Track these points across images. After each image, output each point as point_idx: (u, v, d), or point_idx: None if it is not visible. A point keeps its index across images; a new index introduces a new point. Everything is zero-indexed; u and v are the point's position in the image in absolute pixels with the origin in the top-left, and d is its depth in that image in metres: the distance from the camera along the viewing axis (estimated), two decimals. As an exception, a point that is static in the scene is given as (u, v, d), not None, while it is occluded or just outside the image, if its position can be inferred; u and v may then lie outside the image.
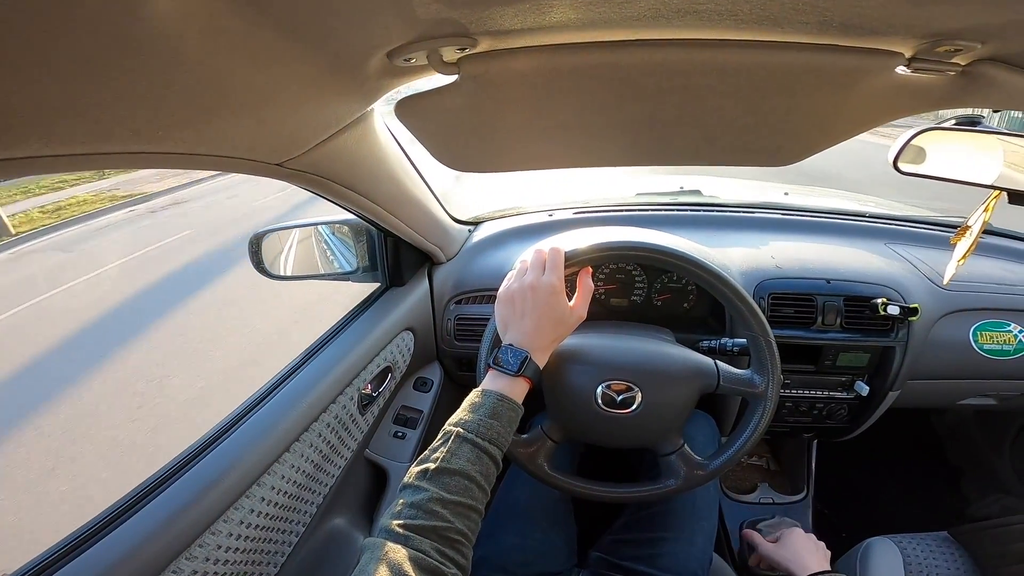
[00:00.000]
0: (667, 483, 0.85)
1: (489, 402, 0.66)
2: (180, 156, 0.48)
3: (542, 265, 0.76)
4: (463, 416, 0.65)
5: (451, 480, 0.58)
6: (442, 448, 0.61)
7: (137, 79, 0.36)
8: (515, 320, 0.75)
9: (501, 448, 0.65)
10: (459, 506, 0.57)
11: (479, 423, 0.64)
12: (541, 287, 0.74)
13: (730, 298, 0.81)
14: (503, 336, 0.76)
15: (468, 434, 0.62)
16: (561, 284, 0.75)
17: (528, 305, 0.74)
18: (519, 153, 0.80)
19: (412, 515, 0.55)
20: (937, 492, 1.69)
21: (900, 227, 1.39)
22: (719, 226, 1.39)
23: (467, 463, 0.60)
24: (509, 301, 0.76)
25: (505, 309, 0.77)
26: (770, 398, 0.81)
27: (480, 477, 0.60)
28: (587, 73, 0.57)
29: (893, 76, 0.56)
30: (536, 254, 0.78)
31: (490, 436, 0.63)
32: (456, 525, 0.56)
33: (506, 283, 0.78)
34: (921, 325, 1.13)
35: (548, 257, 0.76)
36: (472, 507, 0.58)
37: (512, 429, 0.68)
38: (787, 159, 0.79)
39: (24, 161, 0.36)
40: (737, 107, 0.64)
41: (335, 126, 0.66)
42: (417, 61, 0.53)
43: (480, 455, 0.61)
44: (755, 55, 0.54)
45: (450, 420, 0.66)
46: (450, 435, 0.62)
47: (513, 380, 0.70)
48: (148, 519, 0.62)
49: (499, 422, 0.65)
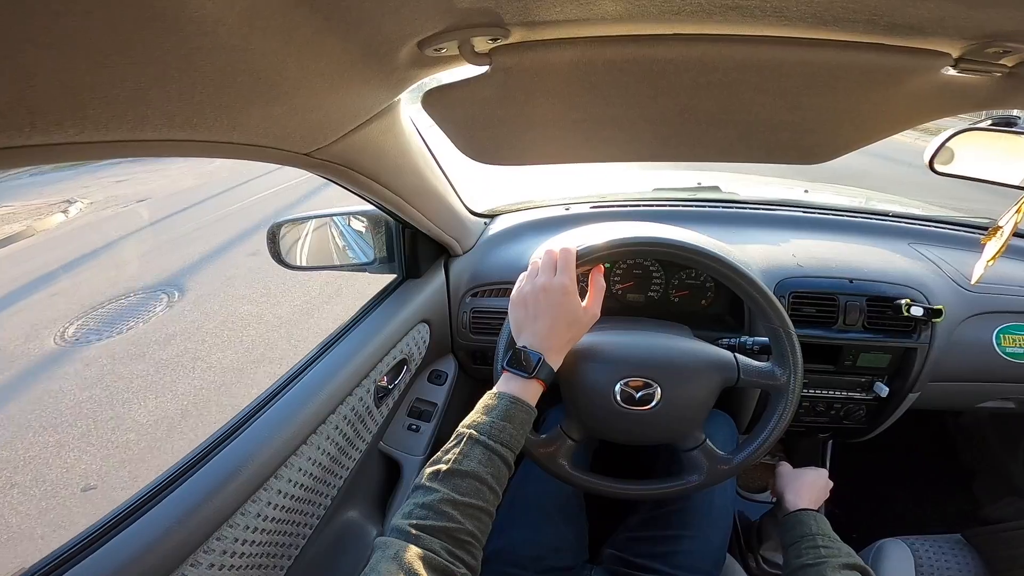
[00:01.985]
0: (689, 479, 0.84)
1: (502, 404, 0.67)
2: (214, 144, 0.48)
3: (554, 266, 0.76)
4: (476, 418, 0.66)
5: (462, 482, 0.59)
6: (454, 450, 0.62)
7: (172, 62, 0.35)
8: (528, 322, 0.75)
9: (513, 450, 0.65)
10: (470, 507, 0.58)
11: (492, 425, 0.64)
12: (553, 288, 0.74)
13: (747, 290, 0.79)
14: (517, 338, 0.76)
15: (480, 436, 0.63)
16: (573, 284, 0.75)
17: (541, 307, 0.74)
18: (547, 147, 0.79)
19: (423, 515, 0.56)
20: (950, 494, 1.67)
21: (924, 227, 1.37)
22: (738, 223, 1.37)
23: (479, 465, 0.60)
24: (522, 303, 0.76)
25: (518, 311, 0.77)
26: (793, 390, 0.80)
27: (491, 479, 0.61)
28: (622, 67, 0.56)
29: (938, 76, 0.55)
30: (547, 255, 0.77)
31: (502, 439, 0.64)
32: (466, 526, 0.56)
33: (518, 285, 0.78)
34: (944, 327, 1.11)
35: (559, 257, 0.76)
36: (483, 509, 0.59)
37: (525, 431, 0.68)
38: (822, 157, 0.78)
39: (59, 148, 0.35)
40: (775, 104, 0.63)
41: (363, 116, 0.65)
42: (448, 51, 0.52)
43: (492, 457, 0.62)
44: (797, 52, 0.52)
45: (463, 422, 0.66)
46: (463, 437, 0.63)
47: (527, 382, 0.70)
48: (167, 512, 0.62)
49: (512, 424, 0.65)
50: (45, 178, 9.78)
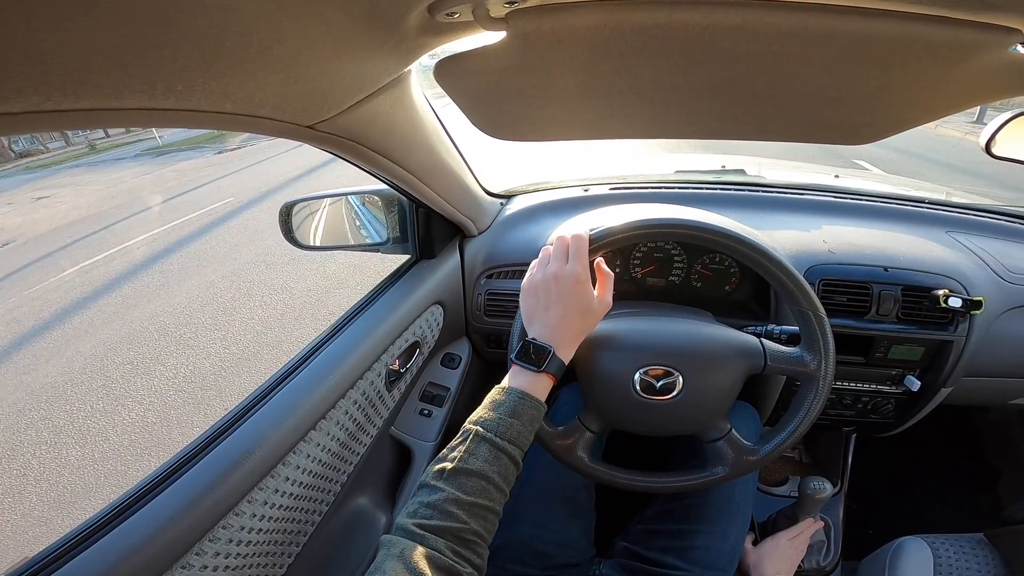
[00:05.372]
0: (714, 471, 0.81)
1: (511, 400, 0.65)
2: (206, 114, 0.44)
3: (565, 253, 0.73)
4: (483, 414, 0.64)
5: (468, 481, 0.58)
6: (460, 447, 0.61)
7: (148, 22, 0.31)
8: (540, 312, 0.72)
9: (522, 448, 0.64)
10: (475, 507, 0.57)
11: (499, 422, 0.63)
12: (565, 276, 0.71)
13: (771, 270, 0.75)
14: (528, 329, 0.73)
15: (487, 433, 0.61)
16: (586, 272, 0.72)
17: (552, 296, 0.72)
18: (568, 121, 0.75)
19: (428, 515, 0.55)
20: (973, 492, 1.63)
21: (962, 215, 1.30)
22: (766, 207, 1.32)
23: (485, 464, 0.59)
24: (533, 292, 0.74)
25: (529, 300, 0.75)
26: (824, 377, 0.76)
27: (498, 478, 0.60)
28: (652, 33, 0.51)
29: (1004, 55, 0.50)
30: (559, 241, 0.74)
31: (510, 436, 0.62)
32: (471, 526, 0.56)
33: (529, 274, 0.76)
34: (983, 319, 1.06)
35: (571, 244, 0.73)
36: (489, 508, 0.58)
37: (535, 427, 0.67)
38: (868, 137, 0.72)
39: (23, 116, 0.32)
40: (822, 78, 0.57)
41: (370, 87, 0.61)
42: (461, 16, 0.49)
43: (499, 455, 0.61)
44: (850, 22, 0.47)
45: (471, 417, 0.65)
46: (469, 434, 0.62)
47: (536, 377, 0.68)
48: (172, 500, 0.60)
49: (520, 421, 0.64)
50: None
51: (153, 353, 3.67)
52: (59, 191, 11.43)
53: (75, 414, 3.08)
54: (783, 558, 1.06)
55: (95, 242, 7.03)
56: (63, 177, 12.36)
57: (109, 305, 4.72)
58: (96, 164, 15.77)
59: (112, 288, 5.12)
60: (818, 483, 1.09)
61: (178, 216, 7.37)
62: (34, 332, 4.39)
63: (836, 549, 1.29)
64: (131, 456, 2.67)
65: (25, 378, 3.64)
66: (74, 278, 5.64)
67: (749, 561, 1.06)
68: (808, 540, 1.13)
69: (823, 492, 1.08)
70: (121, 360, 3.64)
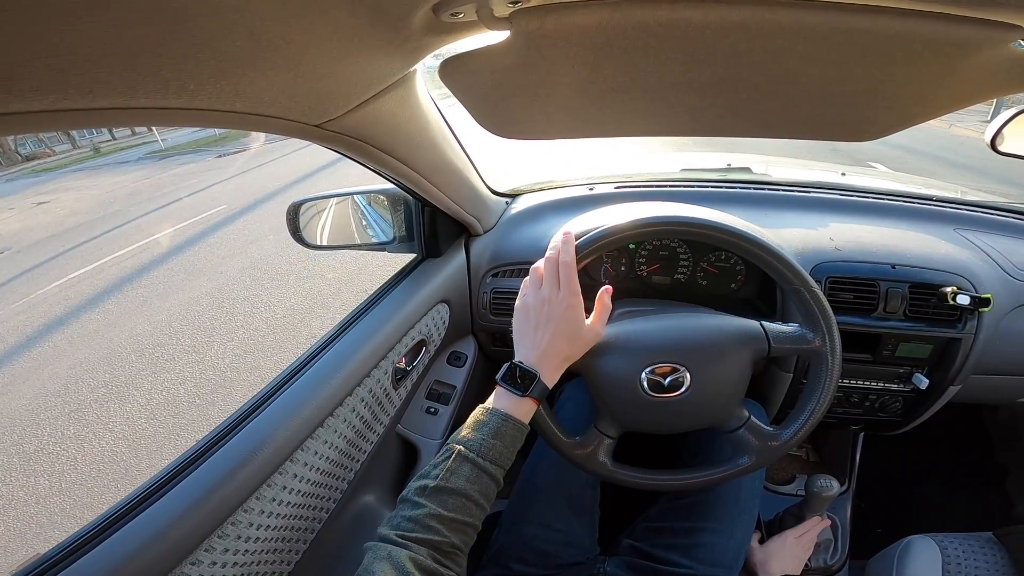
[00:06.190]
0: (740, 461, 0.80)
1: (494, 421, 0.67)
2: (217, 113, 0.45)
3: (556, 276, 0.74)
4: (466, 434, 0.66)
5: (449, 499, 0.60)
6: (443, 465, 0.63)
7: (160, 23, 0.32)
8: (528, 334, 0.74)
9: (503, 467, 0.66)
10: (455, 522, 0.60)
11: (481, 443, 0.65)
12: (556, 301, 0.72)
13: (755, 252, 0.76)
14: (516, 349, 0.75)
15: (469, 453, 0.63)
16: (578, 298, 0.73)
17: (542, 319, 0.73)
18: (572, 119, 0.75)
19: (410, 528, 0.58)
20: (982, 491, 1.61)
21: (969, 212, 1.29)
22: (771, 205, 1.31)
23: (466, 483, 0.62)
24: (524, 312, 0.75)
25: (520, 320, 0.76)
26: (831, 352, 0.76)
27: (478, 495, 0.62)
28: (655, 31, 0.51)
29: (1006, 51, 0.50)
30: (548, 264, 0.75)
31: (491, 456, 0.64)
32: (451, 539, 0.59)
33: (522, 294, 0.77)
34: (991, 317, 1.05)
35: (561, 271, 0.73)
36: (469, 523, 0.61)
37: (516, 448, 0.68)
38: (872, 134, 0.72)
39: (41, 115, 0.33)
40: (824, 75, 0.57)
41: (376, 87, 0.62)
42: (465, 16, 0.49)
43: (480, 474, 0.63)
44: (851, 19, 0.48)
45: (454, 436, 0.67)
46: (451, 453, 0.64)
47: (520, 400, 0.70)
48: (181, 497, 0.61)
49: (501, 442, 0.66)
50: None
51: (128, 376, 3.62)
52: (60, 196, 11.53)
53: (45, 440, 3.06)
54: (790, 556, 1.06)
55: (87, 251, 7.05)
56: (66, 181, 12.48)
57: (91, 322, 4.68)
58: (99, 167, 16.02)
59: (96, 303, 5.08)
60: (825, 481, 1.08)
61: (170, 225, 7.36)
62: (16, 350, 4.37)
63: (843, 548, 1.28)
64: (97, 488, 2.62)
65: (2, 399, 3.61)
66: (60, 291, 5.63)
67: (755, 559, 1.06)
68: (815, 539, 1.13)
69: (830, 490, 1.08)
70: (96, 382, 3.60)
